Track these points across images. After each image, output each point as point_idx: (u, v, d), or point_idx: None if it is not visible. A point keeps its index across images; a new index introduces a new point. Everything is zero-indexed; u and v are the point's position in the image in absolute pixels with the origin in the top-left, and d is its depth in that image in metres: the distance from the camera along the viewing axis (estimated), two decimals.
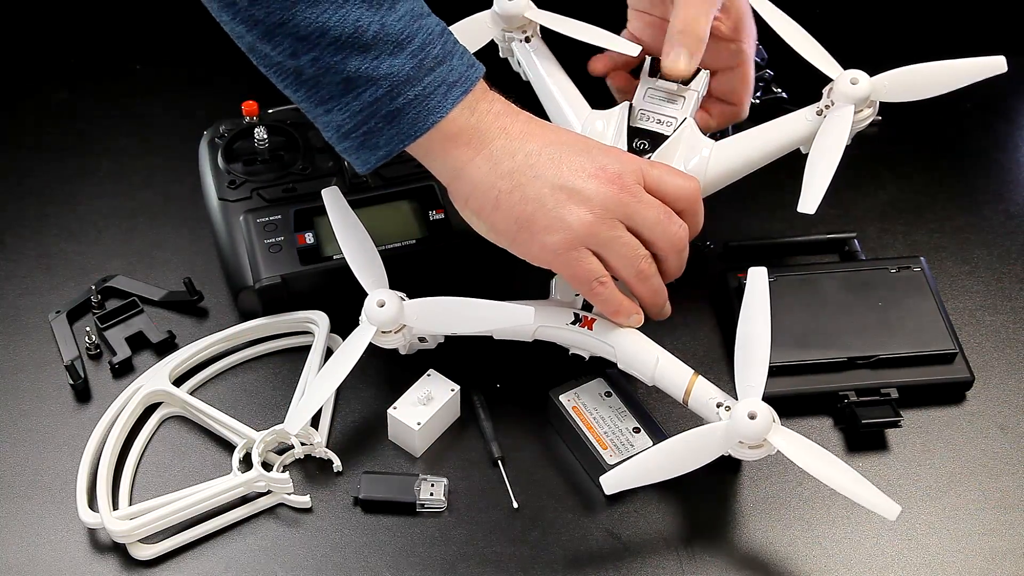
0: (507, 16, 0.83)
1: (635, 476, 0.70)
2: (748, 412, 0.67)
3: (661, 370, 0.73)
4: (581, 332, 0.76)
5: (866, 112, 0.80)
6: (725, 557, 0.72)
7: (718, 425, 0.69)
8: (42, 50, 1.07)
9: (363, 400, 0.80)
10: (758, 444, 0.68)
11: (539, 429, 0.78)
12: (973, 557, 0.73)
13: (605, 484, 0.70)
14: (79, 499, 0.73)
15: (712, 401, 0.71)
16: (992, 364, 0.83)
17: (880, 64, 0.80)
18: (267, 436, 0.75)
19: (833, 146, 0.78)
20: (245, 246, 0.82)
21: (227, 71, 0.94)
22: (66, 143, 0.98)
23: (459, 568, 0.72)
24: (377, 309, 0.74)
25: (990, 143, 1.00)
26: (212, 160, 0.87)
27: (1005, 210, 0.94)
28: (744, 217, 0.91)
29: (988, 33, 1.09)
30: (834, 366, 0.79)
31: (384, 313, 0.74)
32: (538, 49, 0.84)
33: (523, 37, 0.84)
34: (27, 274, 0.88)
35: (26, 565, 0.72)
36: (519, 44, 0.85)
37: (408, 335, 0.76)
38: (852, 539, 0.73)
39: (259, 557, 0.72)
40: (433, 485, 0.74)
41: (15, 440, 0.78)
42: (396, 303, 0.74)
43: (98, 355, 0.82)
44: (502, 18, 0.83)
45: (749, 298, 0.71)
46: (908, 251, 0.90)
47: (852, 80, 0.78)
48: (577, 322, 0.76)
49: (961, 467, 0.77)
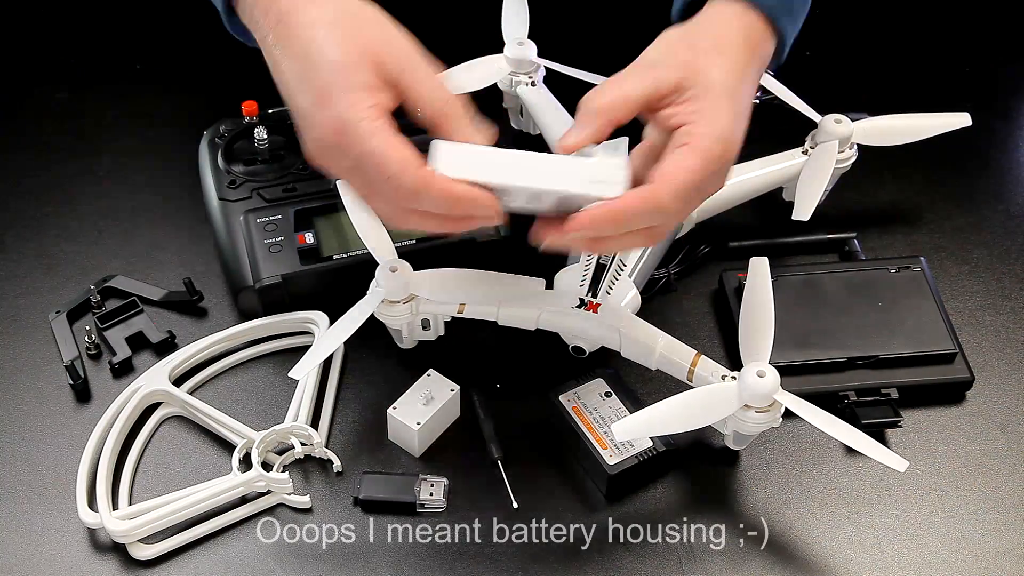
0: (517, 60, 0.90)
1: (647, 426, 0.71)
2: (757, 371, 0.69)
3: (665, 349, 0.75)
4: (586, 316, 0.76)
5: (847, 153, 0.87)
6: (725, 557, 0.72)
7: (729, 383, 0.71)
8: (42, 50, 1.07)
9: (363, 400, 0.80)
10: (766, 406, 0.70)
11: (539, 429, 0.78)
12: (973, 557, 0.72)
13: (617, 432, 0.70)
14: (79, 499, 0.73)
15: (717, 372, 0.73)
16: (992, 364, 0.83)
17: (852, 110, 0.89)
18: (267, 436, 0.75)
19: (822, 167, 0.85)
20: (245, 246, 0.82)
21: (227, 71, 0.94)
22: (66, 143, 0.98)
23: (459, 568, 0.72)
24: (389, 274, 0.75)
25: (990, 143, 1.00)
26: (212, 160, 0.87)
27: (1005, 210, 0.94)
28: (744, 217, 0.90)
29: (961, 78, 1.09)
30: (834, 366, 0.79)
31: (396, 278, 0.74)
32: (542, 91, 0.91)
33: (529, 81, 0.91)
34: (27, 274, 0.88)
35: (26, 565, 0.72)
36: (525, 87, 0.91)
37: (415, 309, 0.76)
38: (852, 539, 0.73)
39: (259, 557, 0.72)
40: (433, 485, 0.74)
41: (15, 440, 0.78)
42: (407, 270, 0.75)
43: (98, 355, 0.82)
44: (512, 62, 0.91)
45: (752, 283, 0.74)
46: (908, 251, 0.90)
47: (836, 120, 0.86)
48: (582, 306, 0.77)
49: (961, 467, 0.77)
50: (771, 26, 0.71)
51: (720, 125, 0.65)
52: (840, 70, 1.06)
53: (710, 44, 0.68)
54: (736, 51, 0.69)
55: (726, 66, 0.67)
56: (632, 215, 0.64)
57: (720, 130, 0.65)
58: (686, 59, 0.67)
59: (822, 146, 0.85)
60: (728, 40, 0.69)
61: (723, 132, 0.65)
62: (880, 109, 0.90)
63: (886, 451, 0.69)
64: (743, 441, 0.75)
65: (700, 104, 0.65)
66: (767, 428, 0.71)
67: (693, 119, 0.65)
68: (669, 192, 0.63)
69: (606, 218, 0.64)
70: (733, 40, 0.69)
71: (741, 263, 0.79)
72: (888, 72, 1.06)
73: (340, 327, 0.74)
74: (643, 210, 0.64)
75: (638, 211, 0.64)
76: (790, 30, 0.73)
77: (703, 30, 0.70)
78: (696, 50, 0.68)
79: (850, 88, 1.02)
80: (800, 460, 0.77)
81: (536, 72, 0.92)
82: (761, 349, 0.72)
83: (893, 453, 0.69)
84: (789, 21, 0.72)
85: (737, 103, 0.67)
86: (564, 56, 0.93)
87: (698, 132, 0.65)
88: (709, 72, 0.67)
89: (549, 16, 0.95)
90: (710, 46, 0.68)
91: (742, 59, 0.69)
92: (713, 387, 0.72)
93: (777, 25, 0.71)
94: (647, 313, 0.79)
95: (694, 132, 0.65)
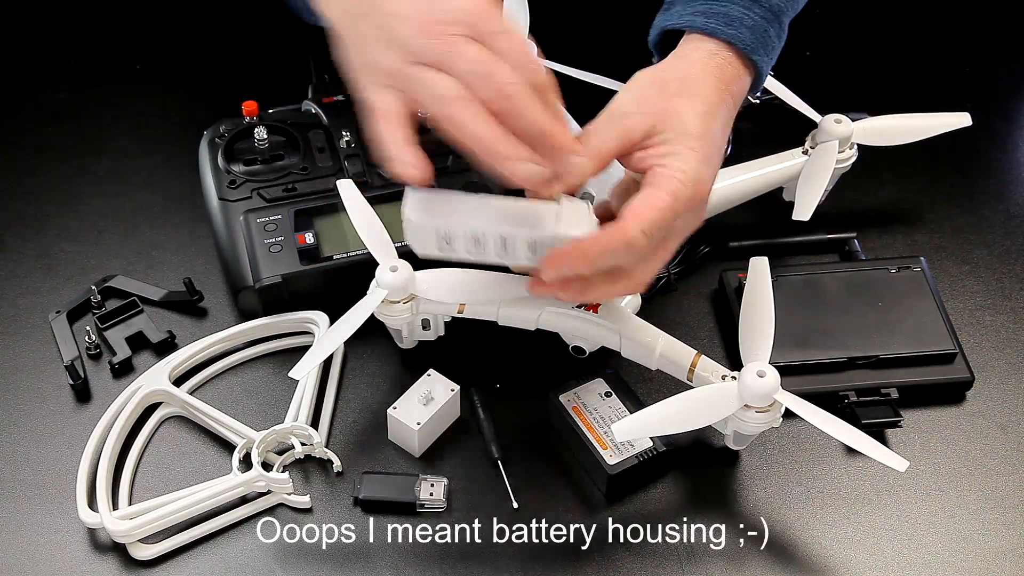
0: None
1: (647, 426, 0.71)
2: (757, 371, 0.69)
3: (665, 349, 0.75)
4: (586, 316, 0.76)
5: (847, 153, 0.87)
6: (725, 557, 0.72)
7: (729, 383, 0.71)
8: (42, 50, 1.07)
9: (363, 400, 0.80)
10: (766, 406, 0.70)
11: (539, 429, 0.78)
12: (973, 557, 0.73)
13: (617, 432, 0.70)
14: (79, 499, 0.73)
15: (717, 372, 0.73)
16: (992, 364, 0.83)
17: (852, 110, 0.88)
18: (267, 436, 0.75)
19: (822, 167, 0.85)
20: (245, 246, 0.82)
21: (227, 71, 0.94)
22: (66, 143, 0.98)
23: (459, 568, 0.72)
24: (389, 273, 0.75)
25: (990, 143, 1.00)
26: (212, 160, 0.87)
27: (1005, 210, 0.94)
28: (744, 217, 0.90)
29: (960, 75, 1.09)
30: (834, 366, 0.79)
31: (396, 277, 0.74)
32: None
33: None
34: (27, 274, 0.88)
35: (26, 565, 0.72)
36: None
37: (415, 309, 0.76)
38: (852, 539, 0.73)
39: (259, 557, 0.72)
40: (433, 485, 0.74)
41: (15, 440, 0.78)
42: (408, 270, 0.75)
43: (98, 355, 0.82)
44: None
45: (752, 282, 0.74)
46: (908, 251, 0.90)
47: (836, 120, 0.86)
48: (582, 306, 0.77)
49: (961, 467, 0.77)
50: (745, 61, 0.72)
51: (690, 166, 0.66)
52: (840, 70, 1.06)
53: (682, 86, 0.70)
54: (708, 91, 0.70)
55: (698, 108, 0.69)
56: (601, 251, 0.65)
57: (690, 171, 0.66)
58: (658, 106, 0.68)
59: (822, 146, 0.85)
60: (700, 81, 0.70)
61: (693, 173, 0.66)
62: (880, 109, 0.90)
63: (886, 451, 0.69)
64: (743, 441, 0.75)
65: (671, 147, 0.67)
66: (767, 428, 0.71)
67: (664, 162, 0.67)
68: (637, 228, 0.64)
69: (575, 254, 0.65)
70: (706, 81, 0.70)
71: (741, 263, 0.79)
72: (888, 72, 1.06)
73: (340, 327, 0.74)
74: (611, 246, 0.65)
75: (606, 246, 0.65)
76: (766, 64, 0.74)
77: (675, 72, 0.71)
78: (667, 93, 0.69)
79: (850, 88, 1.02)
80: (800, 460, 0.77)
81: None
82: (761, 349, 0.72)
83: (893, 453, 0.69)
84: (764, 54, 0.73)
85: (707, 145, 0.68)
86: (564, 56, 0.92)
87: (667, 174, 0.66)
88: (681, 116, 0.68)
89: (549, 16, 0.95)
90: (681, 88, 0.70)
91: (714, 99, 0.70)
92: (713, 387, 0.72)
93: (752, 59, 0.72)
94: (647, 313, 0.79)
95: (664, 173, 0.66)
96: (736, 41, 0.71)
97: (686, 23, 0.73)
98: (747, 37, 0.72)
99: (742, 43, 0.72)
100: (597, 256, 0.65)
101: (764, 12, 0.73)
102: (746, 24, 0.72)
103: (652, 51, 0.78)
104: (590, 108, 0.92)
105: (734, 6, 0.73)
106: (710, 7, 0.73)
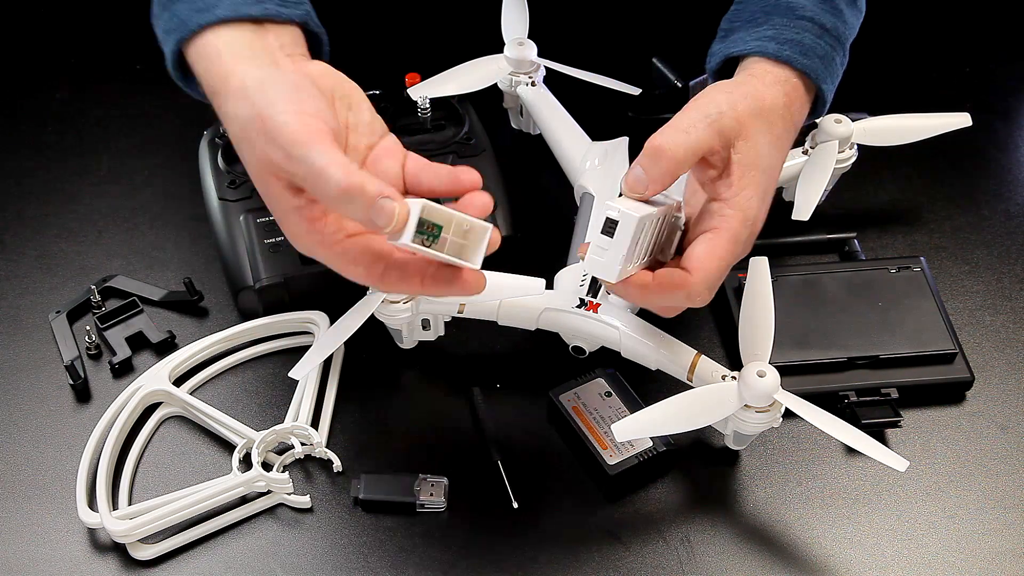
0: (517, 60, 0.92)
1: (647, 426, 0.71)
2: (757, 371, 0.69)
3: (665, 349, 0.75)
4: (585, 316, 0.76)
5: (847, 153, 0.86)
6: (725, 557, 0.72)
7: (729, 383, 0.71)
8: (42, 50, 1.07)
9: (363, 400, 0.80)
10: (766, 406, 0.70)
11: (539, 429, 0.78)
12: (973, 557, 0.73)
13: (617, 432, 0.70)
14: (79, 499, 0.73)
15: (717, 373, 0.73)
16: (992, 364, 0.83)
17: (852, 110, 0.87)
18: (267, 436, 0.75)
19: (822, 167, 0.84)
20: (245, 246, 0.82)
21: None
22: (66, 143, 0.98)
23: (459, 568, 0.72)
24: None
25: (990, 143, 1.00)
26: (212, 160, 0.87)
27: (1005, 210, 0.94)
28: None
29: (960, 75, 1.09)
30: (834, 366, 0.79)
31: None
32: (542, 91, 0.92)
33: (529, 81, 0.92)
34: (27, 274, 0.88)
35: (26, 565, 0.72)
36: (525, 87, 0.92)
37: (415, 309, 0.77)
38: (852, 539, 0.73)
39: (259, 557, 0.72)
40: (433, 485, 0.74)
41: (15, 440, 0.78)
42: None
43: (98, 355, 0.82)
44: (512, 62, 0.92)
45: (752, 282, 0.74)
46: (908, 251, 0.90)
47: (836, 120, 0.86)
48: (582, 306, 0.77)
49: (961, 467, 0.77)
50: (810, 88, 0.72)
51: (752, 206, 0.67)
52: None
53: (758, 108, 0.68)
54: (777, 119, 0.69)
55: (769, 136, 0.68)
56: (661, 295, 0.66)
57: (751, 213, 0.67)
58: (744, 118, 0.67)
59: (822, 146, 0.85)
60: (774, 109, 0.69)
61: (754, 214, 0.67)
62: (880, 109, 0.90)
63: (886, 451, 0.69)
64: (743, 441, 0.75)
65: (738, 178, 0.66)
66: (767, 428, 0.71)
67: (726, 196, 0.66)
68: (700, 282, 0.65)
69: (633, 292, 0.66)
70: (776, 109, 0.69)
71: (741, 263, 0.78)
72: (888, 72, 1.06)
73: (340, 327, 0.74)
74: (671, 292, 0.66)
75: (667, 291, 0.66)
76: (831, 93, 0.73)
77: (752, 94, 0.69)
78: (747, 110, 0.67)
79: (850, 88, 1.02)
80: (800, 460, 0.77)
81: (536, 72, 0.92)
82: (761, 349, 0.72)
83: (893, 453, 0.69)
84: (831, 83, 0.73)
85: (768, 180, 0.68)
86: (564, 56, 0.93)
87: (729, 213, 0.66)
88: (755, 139, 0.67)
89: (549, 16, 0.95)
90: (758, 111, 0.68)
91: (780, 128, 0.69)
92: (713, 387, 0.72)
93: (820, 87, 0.72)
94: (647, 313, 0.79)
95: (725, 213, 0.66)
96: (809, 71, 0.71)
97: (754, 49, 0.71)
98: (819, 67, 0.71)
99: (814, 73, 0.71)
100: (657, 298, 0.67)
101: (832, 40, 0.72)
102: (818, 54, 0.71)
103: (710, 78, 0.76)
104: (590, 108, 0.93)
105: (806, 34, 0.71)
106: (779, 32, 0.71)
